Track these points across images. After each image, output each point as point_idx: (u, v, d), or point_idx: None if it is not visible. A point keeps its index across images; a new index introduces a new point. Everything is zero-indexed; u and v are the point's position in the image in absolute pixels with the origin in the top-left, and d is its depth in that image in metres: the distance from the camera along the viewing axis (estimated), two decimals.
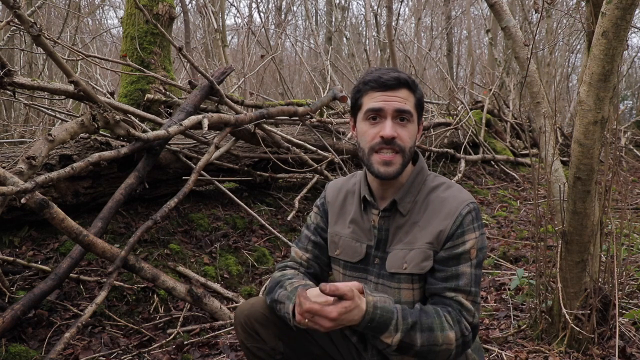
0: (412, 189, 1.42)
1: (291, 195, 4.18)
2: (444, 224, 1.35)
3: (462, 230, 1.34)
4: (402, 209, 1.41)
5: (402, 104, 1.36)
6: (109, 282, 2.32)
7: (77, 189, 2.91)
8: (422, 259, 1.36)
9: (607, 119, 1.93)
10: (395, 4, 10.49)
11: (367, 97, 1.39)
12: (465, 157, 6.19)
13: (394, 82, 1.36)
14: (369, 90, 1.38)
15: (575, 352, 2.12)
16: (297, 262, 1.58)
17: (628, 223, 3.57)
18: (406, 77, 1.38)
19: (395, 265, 1.39)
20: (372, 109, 1.37)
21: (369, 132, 1.38)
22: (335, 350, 1.52)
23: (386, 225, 1.43)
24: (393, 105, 1.35)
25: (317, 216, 1.60)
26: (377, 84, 1.37)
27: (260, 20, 13.78)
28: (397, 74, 1.38)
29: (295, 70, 12.44)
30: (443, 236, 1.34)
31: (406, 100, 1.37)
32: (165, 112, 3.91)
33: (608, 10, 1.75)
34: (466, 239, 1.34)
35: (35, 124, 6.06)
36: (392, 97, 1.36)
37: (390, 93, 1.36)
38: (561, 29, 9.75)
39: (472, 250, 1.34)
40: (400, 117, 1.36)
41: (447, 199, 1.38)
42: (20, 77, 2.61)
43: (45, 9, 7.90)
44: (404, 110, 1.36)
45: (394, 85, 1.36)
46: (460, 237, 1.34)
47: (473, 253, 1.35)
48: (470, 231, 1.35)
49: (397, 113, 1.36)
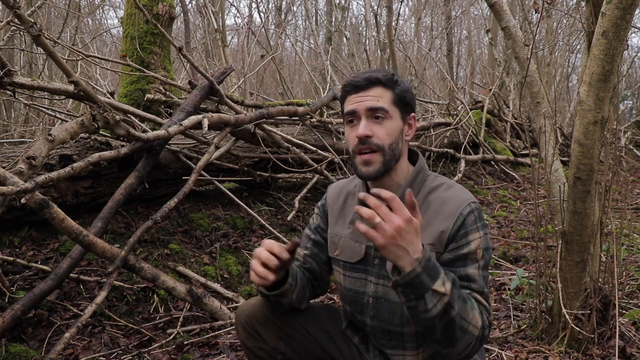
0: (412, 189, 1.41)
1: (291, 195, 4.19)
2: (445, 225, 1.33)
3: (465, 230, 1.33)
4: None
5: (374, 102, 1.36)
6: (109, 282, 2.32)
7: (77, 189, 2.91)
8: None
9: (607, 119, 1.93)
10: (395, 4, 10.49)
11: (346, 101, 1.41)
12: (465, 157, 6.19)
13: (364, 82, 1.37)
14: (346, 95, 1.41)
15: (575, 352, 2.12)
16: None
17: (628, 223, 3.57)
18: (379, 75, 1.38)
19: None
20: (348, 112, 1.39)
21: (350, 136, 1.39)
22: (337, 351, 1.52)
23: None
24: (364, 104, 1.36)
25: (317, 217, 1.61)
26: (350, 87, 1.39)
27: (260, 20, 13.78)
28: (369, 74, 1.38)
29: (295, 70, 12.44)
30: (445, 237, 1.33)
31: (379, 97, 1.37)
32: (165, 112, 3.91)
33: (608, 10, 1.75)
34: (470, 240, 1.33)
35: (35, 124, 6.06)
36: (363, 97, 1.37)
37: (362, 93, 1.37)
38: (561, 29, 9.75)
39: (478, 250, 1.33)
40: (374, 115, 1.36)
41: (448, 199, 1.37)
42: (20, 77, 2.61)
43: (45, 9, 7.90)
44: (377, 108, 1.36)
45: (364, 85, 1.37)
46: (464, 237, 1.32)
47: (479, 254, 1.33)
48: (473, 231, 1.33)
49: (370, 112, 1.36)
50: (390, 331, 1.41)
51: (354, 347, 1.52)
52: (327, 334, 1.52)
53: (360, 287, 1.44)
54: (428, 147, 5.72)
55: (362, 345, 1.51)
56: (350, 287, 1.47)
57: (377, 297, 1.41)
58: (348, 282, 1.48)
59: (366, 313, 1.44)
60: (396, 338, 1.41)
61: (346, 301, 1.50)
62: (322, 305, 1.64)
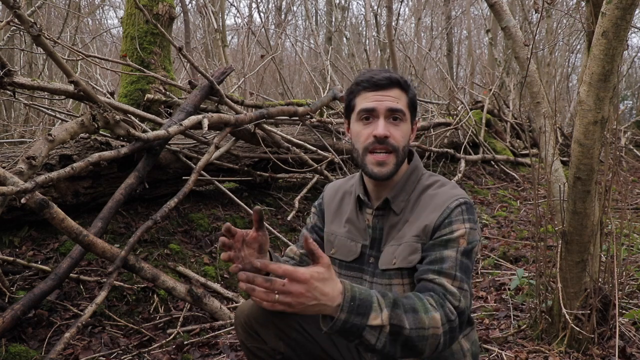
0: (406, 188, 1.42)
1: (291, 195, 4.19)
2: (431, 217, 1.34)
3: (449, 220, 1.32)
4: (395, 207, 1.41)
5: (394, 103, 1.36)
6: (109, 282, 2.32)
7: (77, 189, 2.91)
8: (410, 252, 1.34)
9: (607, 119, 1.93)
10: (395, 4, 10.49)
11: (359, 97, 1.40)
12: (465, 157, 6.19)
13: (385, 81, 1.37)
14: (362, 91, 1.39)
15: (575, 352, 2.12)
16: (290, 257, 1.61)
17: (628, 223, 3.57)
18: (398, 77, 1.39)
19: (386, 261, 1.39)
20: (365, 109, 1.37)
21: (363, 133, 1.38)
22: (336, 351, 1.52)
23: (380, 225, 1.43)
24: (385, 104, 1.36)
25: (314, 216, 1.62)
26: (369, 84, 1.38)
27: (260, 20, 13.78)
28: (389, 74, 1.38)
29: (295, 70, 12.44)
30: (429, 229, 1.33)
31: (398, 99, 1.37)
32: (165, 112, 3.91)
33: (608, 10, 1.75)
34: (454, 229, 1.31)
35: (35, 124, 6.06)
36: (384, 97, 1.36)
37: (383, 92, 1.37)
38: (561, 29, 9.75)
39: (461, 239, 1.30)
40: (393, 116, 1.37)
41: (438, 195, 1.38)
42: (20, 77, 2.61)
43: (45, 9, 7.90)
44: (397, 109, 1.36)
45: (385, 84, 1.37)
46: (448, 226, 1.31)
47: (461, 242, 1.30)
48: (458, 222, 1.31)
49: (390, 112, 1.36)
50: None
51: (353, 347, 1.52)
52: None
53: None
54: (428, 147, 5.72)
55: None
56: None
57: None
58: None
59: None
60: None
61: None
62: None
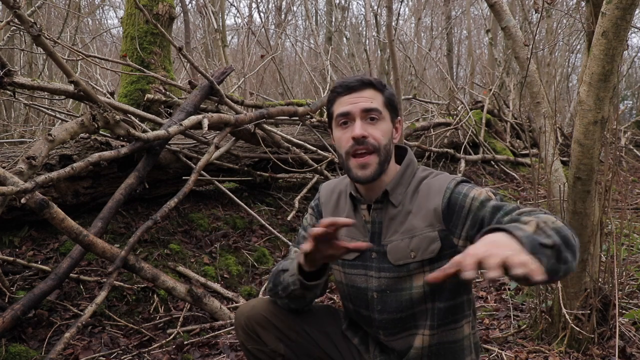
0: (403, 180, 1.42)
1: (291, 195, 4.19)
2: (435, 202, 1.35)
3: (458, 195, 1.32)
4: (394, 200, 1.41)
5: (369, 103, 1.38)
6: (109, 282, 2.32)
7: (77, 189, 2.91)
8: (428, 243, 1.35)
9: (607, 119, 1.93)
10: (395, 4, 10.50)
11: (336, 104, 1.42)
12: (465, 157, 6.20)
13: (357, 83, 1.39)
14: (337, 97, 1.42)
15: (575, 352, 2.12)
16: (292, 259, 1.59)
17: (628, 223, 3.57)
18: (371, 78, 1.41)
19: (401, 256, 1.38)
20: (341, 114, 1.39)
21: (343, 138, 1.40)
22: (336, 352, 1.52)
23: (379, 218, 1.43)
24: (359, 105, 1.37)
25: (312, 217, 1.62)
26: (342, 89, 1.40)
27: (260, 20, 13.77)
28: (361, 77, 1.41)
29: (295, 70, 12.43)
30: (438, 212, 1.34)
31: (373, 99, 1.39)
32: (165, 112, 3.91)
33: (608, 10, 1.75)
34: (471, 194, 1.31)
35: (35, 124, 6.06)
36: (357, 99, 1.38)
37: (356, 95, 1.38)
38: (561, 29, 9.74)
39: (487, 194, 1.30)
40: (370, 116, 1.38)
41: (434, 181, 1.40)
42: (20, 77, 2.61)
43: (45, 9, 7.90)
44: (371, 109, 1.37)
45: (357, 86, 1.39)
46: (464, 198, 1.31)
47: (491, 195, 1.29)
48: (470, 189, 1.32)
49: (365, 112, 1.37)
50: (401, 319, 1.41)
51: (353, 348, 1.52)
52: (326, 335, 1.52)
53: (362, 283, 1.44)
54: (428, 147, 5.73)
55: (361, 346, 1.51)
56: (351, 284, 1.47)
57: (382, 290, 1.41)
58: (348, 279, 1.48)
59: (372, 308, 1.44)
60: (407, 322, 1.41)
61: (348, 299, 1.51)
62: (321, 306, 1.64)
